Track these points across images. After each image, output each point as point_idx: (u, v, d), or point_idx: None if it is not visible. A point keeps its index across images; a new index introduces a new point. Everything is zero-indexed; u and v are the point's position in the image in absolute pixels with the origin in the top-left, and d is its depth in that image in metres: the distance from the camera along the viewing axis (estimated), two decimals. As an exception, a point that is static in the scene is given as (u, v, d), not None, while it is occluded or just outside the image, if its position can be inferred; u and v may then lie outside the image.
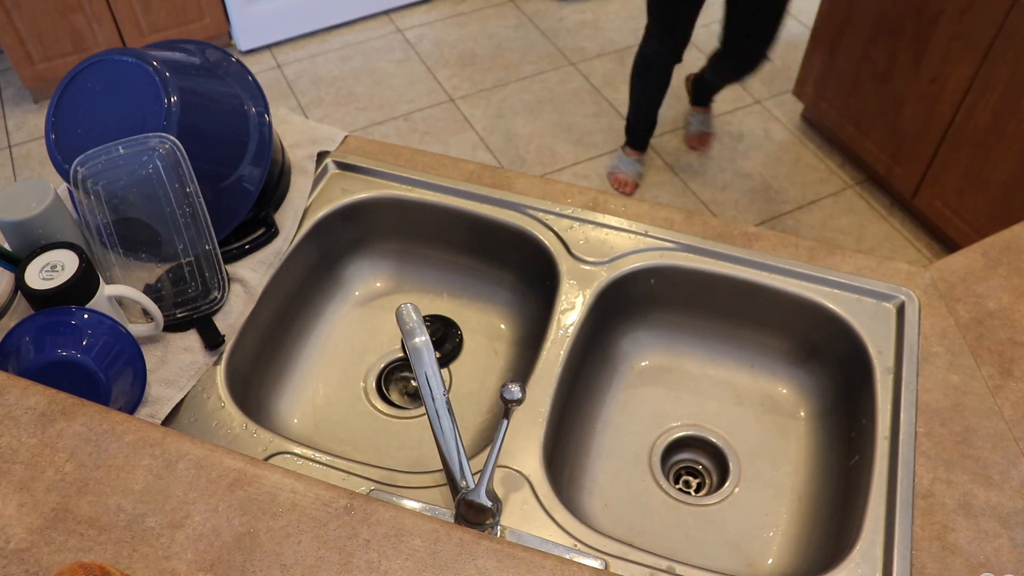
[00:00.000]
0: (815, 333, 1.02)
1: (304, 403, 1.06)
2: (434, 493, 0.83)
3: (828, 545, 0.88)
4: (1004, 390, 0.90)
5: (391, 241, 1.19)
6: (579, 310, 0.99)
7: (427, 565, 0.64)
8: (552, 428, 0.90)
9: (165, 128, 0.92)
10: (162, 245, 0.95)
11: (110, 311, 0.88)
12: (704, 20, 3.04)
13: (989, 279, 1.02)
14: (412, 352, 0.72)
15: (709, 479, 1.01)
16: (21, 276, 0.84)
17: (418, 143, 2.60)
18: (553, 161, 2.54)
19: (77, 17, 2.56)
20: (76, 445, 0.72)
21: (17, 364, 0.80)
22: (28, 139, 2.62)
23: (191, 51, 1.06)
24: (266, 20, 2.89)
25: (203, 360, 0.93)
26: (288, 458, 0.85)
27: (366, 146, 1.18)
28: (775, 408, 1.05)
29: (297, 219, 1.08)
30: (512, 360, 1.10)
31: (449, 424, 0.73)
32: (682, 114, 2.68)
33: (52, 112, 0.96)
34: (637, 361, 1.11)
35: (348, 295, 1.18)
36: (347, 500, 0.68)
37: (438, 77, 2.85)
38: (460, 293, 1.18)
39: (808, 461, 1.00)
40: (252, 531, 0.67)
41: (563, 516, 0.81)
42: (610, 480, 0.99)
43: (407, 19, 3.10)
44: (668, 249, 1.06)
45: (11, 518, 0.67)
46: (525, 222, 1.09)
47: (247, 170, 1.02)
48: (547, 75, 2.85)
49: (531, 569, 0.64)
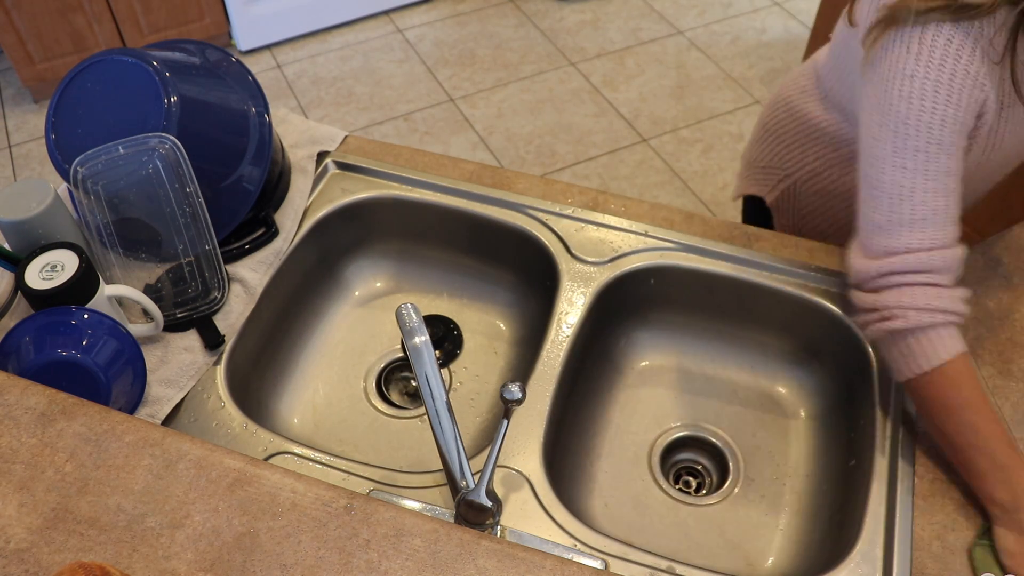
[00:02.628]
0: (815, 333, 1.02)
1: (304, 403, 1.06)
2: (434, 493, 0.83)
3: (828, 545, 0.88)
4: (1004, 390, 0.90)
5: (391, 241, 1.19)
6: (579, 310, 0.99)
7: (427, 565, 0.64)
8: (552, 428, 0.90)
9: (165, 128, 0.92)
10: (162, 245, 0.95)
11: (110, 311, 0.88)
12: (705, 19, 3.05)
13: (989, 279, 1.02)
14: (412, 352, 0.72)
15: (709, 479, 1.01)
16: (21, 276, 0.84)
17: (418, 143, 2.60)
18: (553, 161, 2.54)
19: (77, 17, 2.56)
20: (76, 445, 0.72)
21: (17, 364, 0.80)
22: (28, 139, 2.62)
23: (191, 51, 1.06)
24: (266, 20, 2.89)
25: (203, 360, 0.93)
26: (288, 458, 0.85)
27: (366, 146, 1.18)
28: (775, 408, 1.05)
29: (297, 219, 1.08)
30: (512, 360, 1.10)
31: (449, 424, 0.73)
32: (685, 112, 2.68)
33: (52, 112, 0.96)
34: (637, 361, 1.11)
35: (348, 295, 1.18)
36: (347, 500, 0.68)
37: (438, 77, 2.85)
38: (460, 293, 1.18)
39: (808, 461, 1.00)
40: (252, 531, 0.67)
41: (563, 516, 0.81)
42: (610, 480, 0.99)
43: (407, 19, 3.10)
44: (668, 249, 1.06)
45: (11, 518, 0.67)
46: (525, 222, 1.09)
47: (247, 170, 1.02)
48: (547, 75, 2.85)
49: (531, 569, 0.64)
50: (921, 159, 0.77)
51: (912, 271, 0.79)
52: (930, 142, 0.76)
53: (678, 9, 3.12)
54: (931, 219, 0.78)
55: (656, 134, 2.60)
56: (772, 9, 3.12)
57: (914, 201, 0.78)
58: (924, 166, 0.77)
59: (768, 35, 2.99)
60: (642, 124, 2.66)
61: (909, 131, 0.77)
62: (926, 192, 0.77)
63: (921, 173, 0.77)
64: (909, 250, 0.79)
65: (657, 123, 2.65)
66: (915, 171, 0.77)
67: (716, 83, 2.79)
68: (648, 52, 2.94)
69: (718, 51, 2.92)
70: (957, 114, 0.76)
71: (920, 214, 0.78)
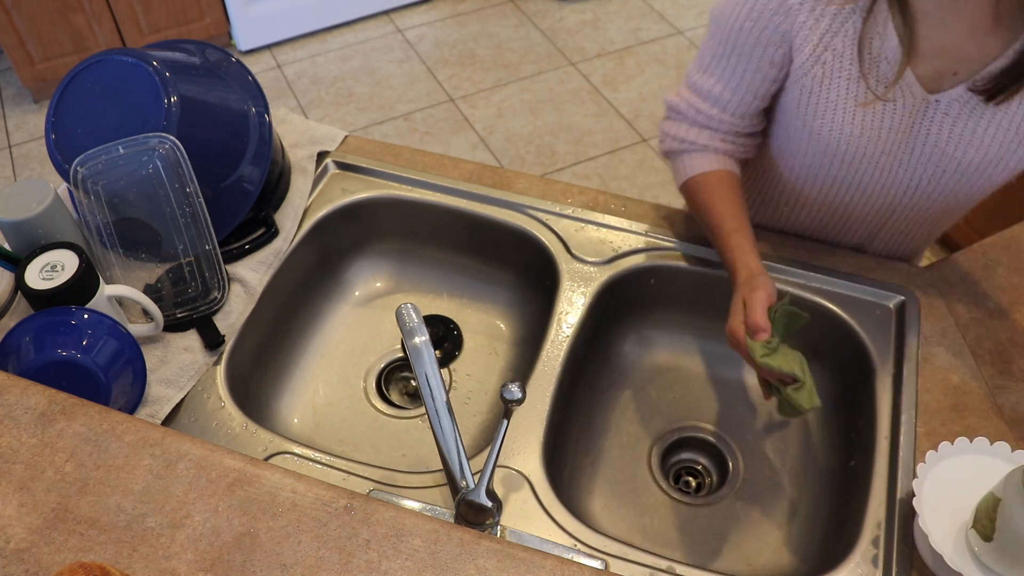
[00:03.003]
0: (815, 333, 1.02)
1: (304, 403, 1.06)
2: (434, 493, 0.83)
3: (828, 545, 0.88)
4: (1004, 390, 0.90)
5: (391, 241, 1.19)
6: (579, 310, 0.99)
7: (427, 565, 0.64)
8: (552, 428, 0.90)
9: (165, 128, 0.92)
10: (162, 245, 0.95)
11: (110, 311, 0.88)
12: (705, 19, 3.05)
13: (989, 279, 1.02)
14: (412, 352, 0.72)
15: (709, 479, 1.01)
16: (21, 276, 0.84)
17: (418, 143, 2.60)
18: (553, 161, 2.54)
19: (77, 17, 2.56)
20: (76, 445, 0.72)
21: (17, 364, 0.80)
22: (28, 139, 2.62)
23: (191, 51, 1.06)
24: (266, 20, 2.89)
25: (203, 360, 0.93)
26: (288, 458, 0.85)
27: (366, 146, 1.18)
28: (775, 408, 1.05)
29: (297, 219, 1.08)
30: (512, 360, 1.10)
31: (449, 424, 0.73)
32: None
33: (52, 112, 0.96)
34: (637, 361, 1.11)
35: (348, 295, 1.18)
36: (347, 500, 0.68)
37: (438, 77, 2.85)
38: (460, 293, 1.18)
39: (808, 461, 1.00)
40: (252, 531, 0.67)
41: (563, 516, 0.81)
42: (610, 480, 0.99)
43: (407, 19, 3.10)
44: (668, 249, 1.06)
45: (11, 518, 0.67)
46: (525, 222, 1.09)
47: (247, 170, 1.02)
48: (547, 75, 2.85)
49: (531, 569, 0.64)
50: (720, 51, 0.94)
51: (679, 112, 1.00)
52: (728, 40, 0.92)
53: (678, 9, 3.12)
54: (710, 92, 0.96)
55: (656, 134, 2.60)
56: (772, 9, 3.11)
57: (705, 73, 0.96)
58: (721, 58, 0.94)
59: (768, 35, 2.99)
60: (642, 124, 2.66)
61: (720, 26, 0.92)
62: (713, 74, 0.95)
63: (717, 58, 0.95)
64: (682, 97, 0.99)
65: (657, 123, 2.65)
66: (713, 55, 0.95)
67: (716, 83, 2.79)
68: (648, 52, 2.94)
69: (718, 51, 2.92)
70: (753, 29, 0.89)
71: (704, 85, 0.97)
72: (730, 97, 0.95)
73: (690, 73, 0.99)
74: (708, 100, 0.97)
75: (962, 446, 0.79)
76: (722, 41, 0.93)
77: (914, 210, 1.00)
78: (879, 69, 0.86)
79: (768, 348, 0.82)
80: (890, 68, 0.85)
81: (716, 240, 0.96)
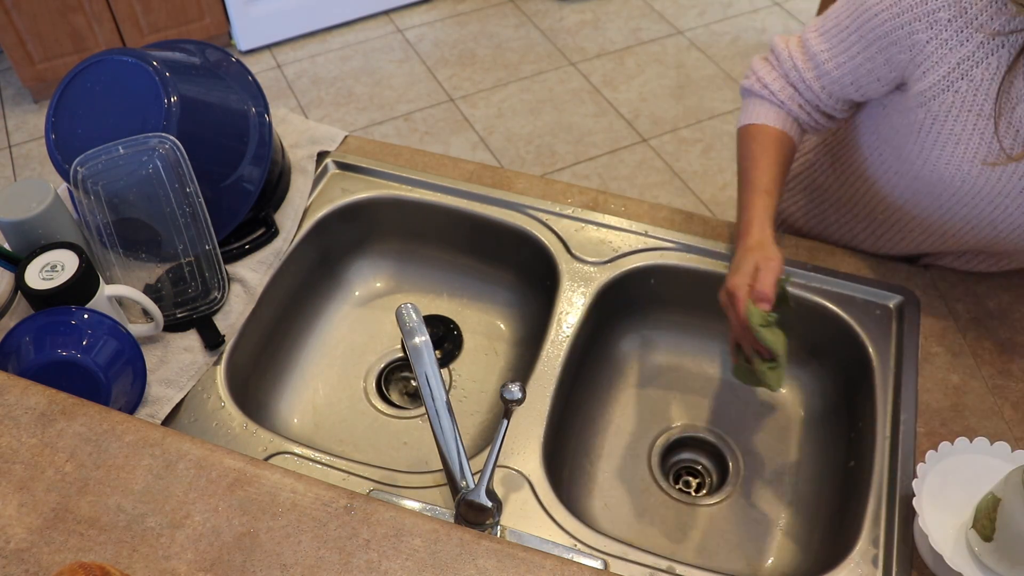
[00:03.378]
0: (815, 333, 1.02)
1: (304, 403, 1.06)
2: (434, 493, 0.83)
3: (828, 545, 0.88)
4: (1004, 390, 0.90)
5: (391, 241, 1.19)
6: (579, 310, 0.99)
7: (427, 565, 0.64)
8: (552, 428, 0.90)
9: (165, 128, 0.92)
10: (162, 245, 0.95)
11: (110, 311, 0.88)
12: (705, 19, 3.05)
13: (989, 279, 1.02)
14: (412, 352, 0.72)
15: (709, 479, 1.01)
16: (21, 276, 0.84)
17: (418, 143, 2.60)
18: (553, 161, 2.54)
19: (77, 17, 2.56)
20: (76, 445, 0.72)
21: (17, 364, 0.80)
22: (28, 139, 2.62)
23: (191, 51, 1.06)
24: (266, 20, 2.89)
25: (203, 360, 0.93)
26: (288, 458, 0.85)
27: (366, 146, 1.18)
28: (775, 408, 1.05)
29: (297, 219, 1.08)
30: (512, 360, 1.11)
31: (449, 424, 0.73)
32: (685, 112, 2.68)
33: (52, 112, 0.96)
34: (637, 361, 1.11)
35: (348, 295, 1.18)
36: (347, 500, 0.68)
37: (438, 77, 2.85)
38: (460, 293, 1.18)
39: (808, 461, 1.00)
40: (252, 531, 0.67)
41: (563, 516, 0.81)
42: (610, 480, 0.99)
43: (407, 19, 3.10)
44: (668, 249, 1.06)
45: (11, 518, 0.67)
46: (525, 222, 1.09)
47: (247, 170, 1.02)
48: (547, 75, 2.85)
49: (531, 569, 0.64)
50: (846, 24, 0.89)
51: (778, 58, 0.97)
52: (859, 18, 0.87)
53: (678, 9, 3.12)
54: (816, 57, 0.93)
55: (656, 134, 2.61)
56: (772, 9, 3.12)
57: (822, 36, 0.92)
58: (843, 31, 0.90)
59: (768, 35, 2.99)
60: (642, 124, 2.66)
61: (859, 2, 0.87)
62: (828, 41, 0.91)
63: (839, 29, 0.90)
64: (788, 46, 0.96)
65: (657, 123, 2.65)
66: (837, 24, 0.90)
67: (716, 83, 2.80)
68: (648, 52, 2.94)
69: (718, 51, 2.92)
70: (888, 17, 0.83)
71: (815, 47, 0.93)
72: (831, 70, 0.91)
73: (808, 28, 0.95)
74: (811, 62, 0.93)
75: (962, 446, 0.79)
76: (853, 16, 0.87)
77: (1017, 242, 0.93)
78: (1015, 113, 0.80)
79: (767, 319, 0.83)
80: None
81: (744, 192, 0.95)
